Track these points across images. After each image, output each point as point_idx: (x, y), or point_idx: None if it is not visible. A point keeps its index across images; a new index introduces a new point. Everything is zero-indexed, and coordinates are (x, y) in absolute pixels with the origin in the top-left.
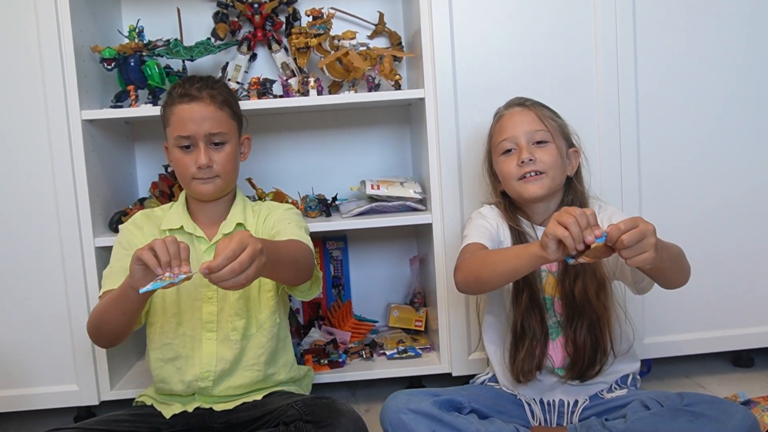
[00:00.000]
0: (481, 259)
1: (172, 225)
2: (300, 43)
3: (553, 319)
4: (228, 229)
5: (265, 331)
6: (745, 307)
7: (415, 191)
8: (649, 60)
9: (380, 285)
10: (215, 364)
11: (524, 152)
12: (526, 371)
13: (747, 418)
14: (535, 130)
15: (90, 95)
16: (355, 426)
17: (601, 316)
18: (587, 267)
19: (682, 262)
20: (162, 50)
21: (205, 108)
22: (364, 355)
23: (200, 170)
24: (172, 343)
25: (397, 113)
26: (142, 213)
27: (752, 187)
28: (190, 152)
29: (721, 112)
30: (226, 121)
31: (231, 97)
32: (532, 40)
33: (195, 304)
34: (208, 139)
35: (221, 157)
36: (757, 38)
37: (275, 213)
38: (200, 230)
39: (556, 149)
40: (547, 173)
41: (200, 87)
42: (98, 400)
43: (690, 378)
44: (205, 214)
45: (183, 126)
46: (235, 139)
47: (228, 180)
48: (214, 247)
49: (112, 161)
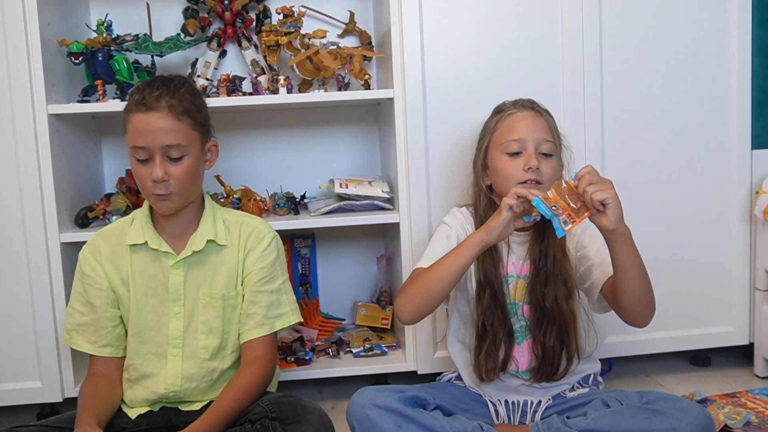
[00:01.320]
0: (424, 274)
1: (137, 240)
2: (270, 41)
3: (520, 323)
4: (198, 246)
5: (237, 352)
6: (703, 307)
7: (382, 190)
8: (615, 62)
9: (347, 283)
10: (180, 383)
11: (533, 159)
12: (489, 370)
13: (702, 415)
14: (545, 139)
15: (57, 89)
16: (321, 423)
17: (569, 321)
18: (558, 274)
19: (648, 281)
20: (131, 45)
21: (161, 119)
22: (331, 352)
23: (156, 184)
24: (135, 363)
25: (366, 112)
26: (98, 235)
27: (710, 189)
28: (147, 164)
29: (683, 118)
30: (185, 132)
31: (193, 105)
32: (501, 40)
33: (161, 319)
34: (164, 152)
35: (178, 171)
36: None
37: (254, 252)
38: (166, 245)
39: (556, 164)
40: (544, 185)
41: (159, 95)
42: (62, 397)
43: (649, 377)
44: (171, 226)
45: (138, 137)
46: (195, 150)
47: (187, 195)
48: (181, 263)
49: (79, 156)
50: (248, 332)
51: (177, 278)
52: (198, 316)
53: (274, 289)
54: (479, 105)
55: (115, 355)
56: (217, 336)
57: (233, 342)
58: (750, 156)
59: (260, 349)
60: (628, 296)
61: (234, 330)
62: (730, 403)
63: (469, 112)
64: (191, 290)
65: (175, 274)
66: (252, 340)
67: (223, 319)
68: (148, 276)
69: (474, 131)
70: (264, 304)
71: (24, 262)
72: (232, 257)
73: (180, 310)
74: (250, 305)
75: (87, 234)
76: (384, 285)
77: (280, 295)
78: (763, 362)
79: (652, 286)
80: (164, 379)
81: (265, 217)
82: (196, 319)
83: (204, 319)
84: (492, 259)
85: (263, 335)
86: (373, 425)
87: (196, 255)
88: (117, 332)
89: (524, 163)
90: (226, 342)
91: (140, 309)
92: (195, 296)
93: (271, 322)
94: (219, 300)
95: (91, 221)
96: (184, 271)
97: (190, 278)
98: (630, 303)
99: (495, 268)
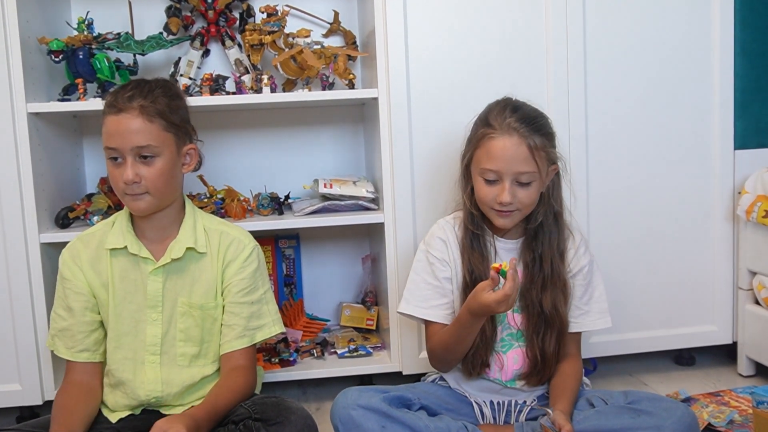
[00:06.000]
0: (442, 345)
1: (116, 244)
2: (254, 40)
3: (507, 331)
4: (177, 254)
5: (218, 361)
6: (687, 307)
7: (367, 190)
8: (599, 62)
9: (332, 284)
10: (161, 389)
11: (506, 194)
12: (476, 365)
13: (687, 415)
14: (522, 172)
15: (36, 88)
16: (304, 424)
17: (564, 325)
18: (557, 278)
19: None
20: (112, 43)
21: (132, 120)
22: (315, 353)
23: (127, 185)
24: (111, 369)
25: (351, 113)
26: (78, 239)
27: (693, 189)
28: (119, 166)
29: (666, 119)
30: (157, 133)
31: (167, 107)
32: (486, 41)
33: (138, 326)
34: (136, 153)
35: (150, 172)
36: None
37: (234, 264)
38: (146, 250)
39: (537, 186)
40: (521, 210)
41: (131, 96)
42: (42, 399)
43: (634, 376)
44: (150, 230)
45: (109, 138)
46: (169, 152)
47: (161, 196)
48: (160, 270)
49: (59, 155)
50: (229, 344)
51: (155, 285)
52: (177, 324)
53: (255, 300)
54: (464, 105)
55: (93, 360)
56: (196, 344)
57: (214, 351)
58: (733, 156)
59: (242, 359)
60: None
61: (215, 340)
62: (714, 401)
63: (453, 111)
64: (170, 297)
65: (154, 281)
66: (233, 351)
67: (203, 328)
68: (128, 281)
69: (459, 131)
70: (244, 316)
71: (3, 262)
72: (212, 268)
73: (158, 317)
74: (230, 316)
75: (68, 234)
76: (369, 286)
77: (261, 305)
78: (746, 361)
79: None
80: (143, 385)
81: (249, 217)
82: (174, 327)
83: (183, 327)
84: (481, 266)
85: (244, 347)
86: (357, 426)
87: (176, 263)
88: (94, 337)
89: (498, 195)
90: (206, 351)
91: (118, 314)
92: (173, 304)
93: (252, 334)
94: (197, 310)
95: (71, 221)
96: (162, 278)
97: (169, 285)
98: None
99: (485, 272)
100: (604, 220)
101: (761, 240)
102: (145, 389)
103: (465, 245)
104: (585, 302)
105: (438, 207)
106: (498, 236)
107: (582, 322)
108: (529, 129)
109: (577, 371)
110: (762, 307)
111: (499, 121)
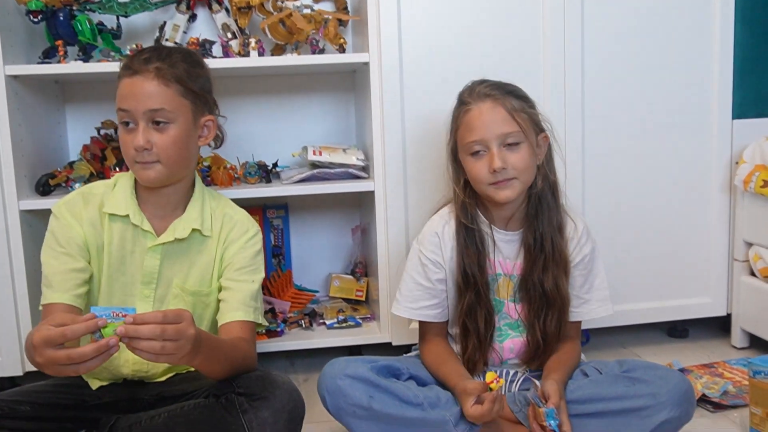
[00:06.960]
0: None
1: (118, 211)
2: (241, 2)
3: (504, 320)
4: (182, 234)
5: None
6: (681, 279)
7: (358, 158)
8: (596, 27)
9: (321, 254)
10: (147, 368)
11: (496, 160)
12: (475, 363)
13: (682, 382)
14: (507, 133)
15: (15, 50)
16: (290, 398)
17: (566, 303)
18: (559, 257)
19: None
20: (94, 5)
21: (147, 83)
22: (304, 324)
23: (138, 152)
24: None
25: (341, 80)
26: (78, 193)
27: (691, 159)
28: (131, 131)
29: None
30: (172, 98)
31: (186, 73)
32: (480, 4)
33: (128, 300)
34: (149, 118)
35: (163, 139)
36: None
37: (235, 244)
38: (147, 223)
39: (528, 149)
40: (519, 177)
41: (148, 59)
42: (22, 370)
43: (627, 348)
44: (155, 203)
45: (122, 99)
46: (184, 119)
47: (173, 167)
48: (160, 248)
49: (40, 121)
50: (228, 314)
51: (153, 261)
52: (168, 305)
53: (256, 280)
54: (457, 70)
55: (77, 305)
56: None
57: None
58: (731, 126)
59: (242, 332)
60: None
61: (205, 325)
62: (708, 373)
63: (446, 78)
64: (165, 276)
65: (152, 257)
66: (233, 322)
67: (194, 313)
68: (125, 251)
69: (452, 99)
70: (245, 291)
71: None
72: (211, 251)
73: (150, 294)
74: (229, 292)
75: (48, 201)
76: (359, 256)
77: (258, 292)
78: (740, 333)
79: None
80: (127, 364)
81: (236, 185)
82: (166, 306)
83: (173, 303)
84: (477, 260)
85: (245, 319)
86: (344, 395)
87: (177, 243)
88: (83, 290)
89: (489, 166)
90: None
91: (110, 285)
92: (168, 284)
93: (252, 310)
94: (189, 296)
95: (53, 188)
96: (161, 256)
97: (167, 264)
98: None
99: (481, 268)
100: (599, 188)
101: (758, 210)
102: (130, 368)
103: (459, 243)
104: (585, 291)
105: (429, 176)
106: (497, 227)
107: (582, 311)
108: (501, 92)
109: (576, 352)
110: (758, 279)
111: (472, 94)
